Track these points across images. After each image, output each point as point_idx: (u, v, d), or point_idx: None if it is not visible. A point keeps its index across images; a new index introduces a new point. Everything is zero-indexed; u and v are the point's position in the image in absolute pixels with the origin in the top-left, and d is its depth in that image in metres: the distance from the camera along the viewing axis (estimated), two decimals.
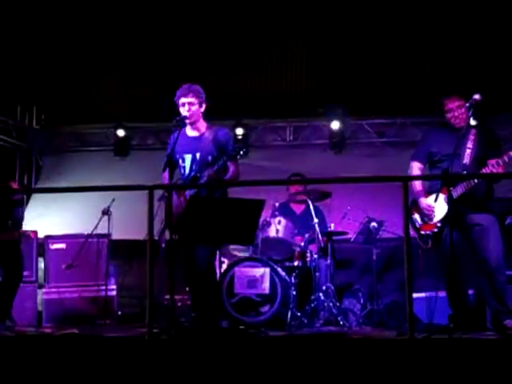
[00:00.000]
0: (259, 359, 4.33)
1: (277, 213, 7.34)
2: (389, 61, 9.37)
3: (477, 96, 5.44)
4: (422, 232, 5.73)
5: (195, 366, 4.31)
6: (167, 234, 5.66)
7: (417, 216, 5.76)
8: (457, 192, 5.46)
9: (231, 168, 5.61)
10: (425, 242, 5.71)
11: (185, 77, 8.92)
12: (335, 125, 9.76)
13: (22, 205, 7.12)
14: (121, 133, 10.27)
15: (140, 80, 10.08)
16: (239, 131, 9.87)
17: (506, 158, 5.36)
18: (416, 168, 5.91)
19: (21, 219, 6.82)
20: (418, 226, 5.74)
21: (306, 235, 7.40)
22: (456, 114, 5.67)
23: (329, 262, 7.30)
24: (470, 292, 6.00)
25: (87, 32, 9.83)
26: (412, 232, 5.56)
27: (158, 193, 5.30)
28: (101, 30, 9.82)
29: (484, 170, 5.45)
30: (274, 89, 10.04)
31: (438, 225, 5.59)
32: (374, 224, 7.33)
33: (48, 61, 9.90)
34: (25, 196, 8.76)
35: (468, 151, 5.61)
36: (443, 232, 5.54)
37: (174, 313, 5.19)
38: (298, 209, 8.04)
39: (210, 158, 5.64)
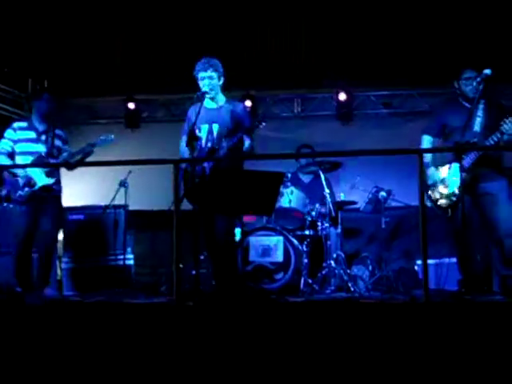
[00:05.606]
0: (280, 323, 4.55)
1: (289, 183, 7.49)
2: (395, 31, 9.38)
3: (487, 71, 5.62)
4: (440, 203, 5.92)
5: (221, 331, 4.51)
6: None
7: (433, 188, 5.97)
8: (468, 161, 5.66)
9: (247, 141, 5.79)
10: (444, 212, 5.90)
11: (193, 49, 9.09)
12: (342, 96, 9.91)
13: None
14: (131, 105, 10.40)
15: (150, 52, 10.12)
16: (247, 103, 9.94)
17: None
18: (427, 141, 6.13)
19: None
20: (433, 198, 5.94)
21: (317, 205, 7.51)
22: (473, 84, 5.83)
23: (339, 230, 7.49)
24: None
25: (97, 3, 9.86)
26: (428, 203, 5.78)
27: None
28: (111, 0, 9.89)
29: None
30: (281, 61, 10.05)
31: (456, 192, 5.75)
32: (382, 193, 7.36)
33: (58, 33, 9.90)
34: None
35: (478, 119, 5.82)
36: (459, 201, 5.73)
37: (197, 281, 5.38)
38: (307, 179, 8.24)
39: (226, 130, 5.86)
